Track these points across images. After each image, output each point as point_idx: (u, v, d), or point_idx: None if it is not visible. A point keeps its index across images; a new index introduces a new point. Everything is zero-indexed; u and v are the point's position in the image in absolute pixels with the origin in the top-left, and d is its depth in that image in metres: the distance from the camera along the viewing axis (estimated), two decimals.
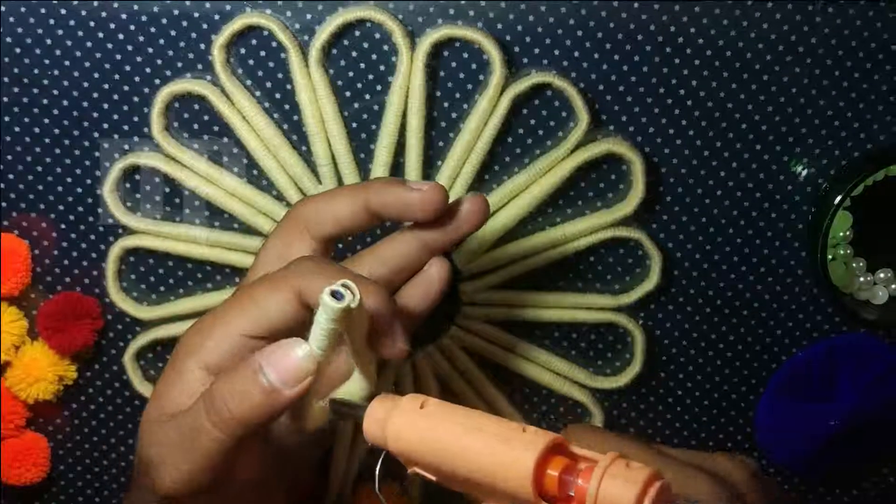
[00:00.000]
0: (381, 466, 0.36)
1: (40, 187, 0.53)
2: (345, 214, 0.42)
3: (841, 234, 0.53)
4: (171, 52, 0.50)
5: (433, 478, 0.35)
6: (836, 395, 0.55)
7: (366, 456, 0.56)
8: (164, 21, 0.50)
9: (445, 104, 0.51)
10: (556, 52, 0.50)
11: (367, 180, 0.43)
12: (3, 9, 0.50)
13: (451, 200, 0.51)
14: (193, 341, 0.39)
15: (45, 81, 0.51)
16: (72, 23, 0.50)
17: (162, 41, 0.50)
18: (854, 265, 0.54)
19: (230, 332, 0.38)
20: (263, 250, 0.43)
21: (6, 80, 0.51)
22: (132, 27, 0.50)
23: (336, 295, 0.34)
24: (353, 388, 0.39)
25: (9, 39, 0.50)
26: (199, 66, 0.51)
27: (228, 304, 0.39)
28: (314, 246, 0.42)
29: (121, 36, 0.50)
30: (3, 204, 0.53)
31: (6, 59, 0.50)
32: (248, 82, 0.51)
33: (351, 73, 0.51)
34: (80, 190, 0.53)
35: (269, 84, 0.51)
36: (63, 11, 0.50)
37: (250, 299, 0.39)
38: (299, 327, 0.38)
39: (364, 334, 0.38)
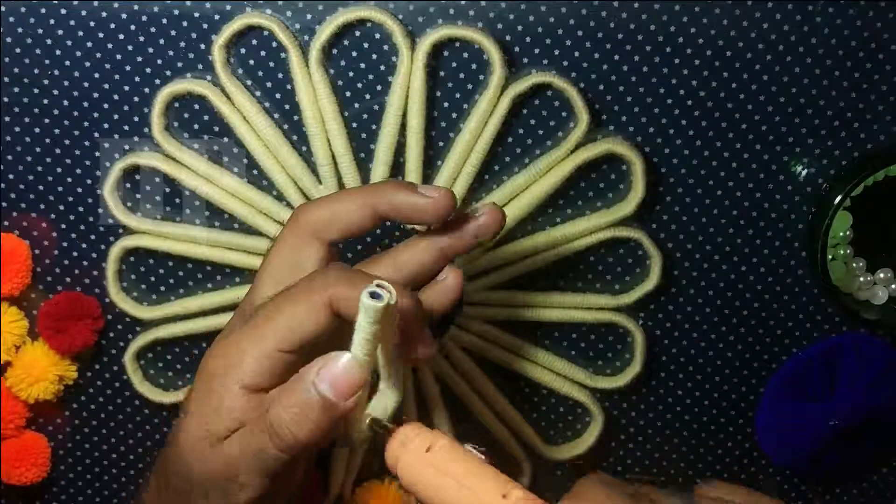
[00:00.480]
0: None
1: (41, 187, 0.53)
2: (353, 219, 0.42)
3: (841, 234, 0.53)
4: (171, 52, 0.50)
5: None
6: (837, 394, 0.55)
7: (365, 456, 0.56)
8: (165, 21, 0.50)
9: (445, 104, 0.51)
10: (557, 52, 0.50)
11: (372, 183, 0.42)
12: (3, 9, 0.50)
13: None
14: (229, 362, 0.39)
15: (46, 81, 0.51)
16: (72, 23, 0.50)
17: (162, 41, 0.50)
18: (854, 265, 0.54)
19: (266, 349, 0.38)
20: (271, 259, 0.43)
21: (7, 80, 0.51)
22: (132, 27, 0.50)
23: (374, 296, 0.35)
24: (382, 402, 0.39)
25: (9, 39, 0.50)
26: (200, 66, 0.51)
27: (259, 321, 0.39)
28: (323, 251, 0.42)
29: (121, 36, 0.50)
30: (4, 204, 0.53)
31: (6, 59, 0.50)
32: (249, 82, 0.51)
33: (351, 73, 0.51)
34: (80, 190, 0.53)
35: (269, 84, 0.51)
36: (63, 11, 0.50)
37: (282, 314, 0.38)
38: (329, 338, 0.38)
39: (393, 342, 0.38)
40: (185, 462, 0.40)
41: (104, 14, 0.50)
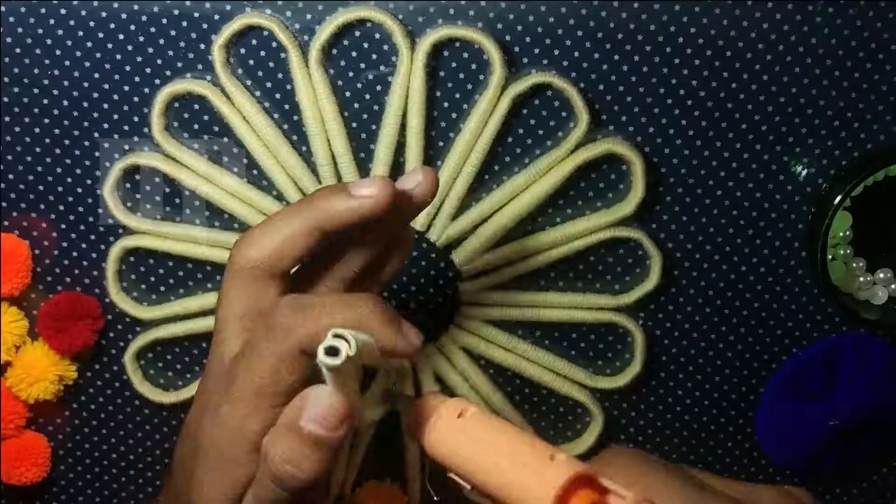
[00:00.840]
0: (427, 467, 0.37)
1: (40, 187, 0.53)
2: (300, 247, 0.39)
3: (841, 234, 0.53)
4: (171, 52, 0.50)
5: (468, 486, 0.35)
6: (836, 394, 0.55)
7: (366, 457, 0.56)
8: (164, 21, 0.50)
9: (445, 104, 0.51)
10: (556, 52, 0.50)
11: (305, 198, 0.40)
12: (3, 9, 0.50)
13: (448, 201, 0.52)
14: (232, 433, 0.38)
15: (46, 81, 0.51)
16: (72, 23, 0.50)
17: (162, 41, 0.50)
18: (854, 265, 0.54)
19: (262, 411, 0.38)
20: (227, 309, 0.40)
21: (6, 80, 0.51)
22: (132, 27, 0.50)
23: (331, 351, 0.34)
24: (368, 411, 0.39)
25: (9, 39, 0.50)
26: (199, 66, 0.51)
27: (242, 384, 0.38)
28: (280, 286, 0.40)
29: (121, 36, 0.50)
30: (4, 204, 0.53)
31: (6, 59, 0.50)
32: (248, 82, 0.51)
33: (351, 74, 0.51)
34: (80, 190, 0.53)
35: (269, 84, 0.51)
36: (63, 11, 0.50)
37: (260, 372, 0.38)
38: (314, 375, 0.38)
39: (375, 357, 0.38)
40: None
41: (104, 14, 0.50)
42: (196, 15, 0.50)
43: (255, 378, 0.37)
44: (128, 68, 0.51)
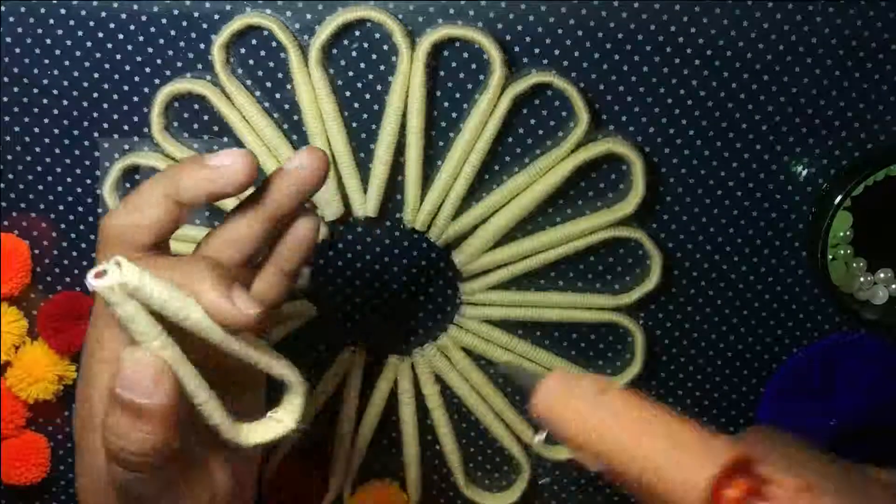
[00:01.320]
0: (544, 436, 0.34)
1: (40, 187, 0.53)
2: (157, 216, 0.37)
3: (841, 234, 0.53)
4: (170, 52, 0.50)
5: (595, 468, 0.32)
6: (836, 395, 0.55)
7: (366, 456, 0.57)
8: (164, 21, 0.50)
9: (445, 104, 0.51)
10: (557, 52, 0.50)
11: (167, 168, 0.38)
12: (2, 9, 0.50)
13: (448, 201, 0.52)
14: (88, 414, 0.37)
15: (45, 81, 0.51)
16: (71, 23, 0.50)
17: (162, 41, 0.50)
18: (854, 265, 0.54)
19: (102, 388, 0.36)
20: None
21: (6, 79, 0.51)
22: (132, 27, 0.50)
23: (101, 274, 0.32)
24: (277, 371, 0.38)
25: (9, 39, 0.50)
26: (199, 66, 0.51)
27: (88, 345, 0.37)
28: (143, 257, 0.38)
29: (120, 36, 0.50)
30: (3, 204, 0.53)
31: (6, 59, 0.50)
32: (248, 82, 0.51)
33: (351, 73, 0.51)
34: (79, 190, 0.53)
35: (268, 84, 0.51)
36: (63, 11, 0.50)
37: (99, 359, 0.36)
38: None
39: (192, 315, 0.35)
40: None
41: (104, 14, 0.50)
42: (196, 15, 0.50)
43: (92, 341, 0.36)
44: (127, 68, 0.51)
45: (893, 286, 0.54)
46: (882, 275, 0.54)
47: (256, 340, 0.37)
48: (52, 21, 0.50)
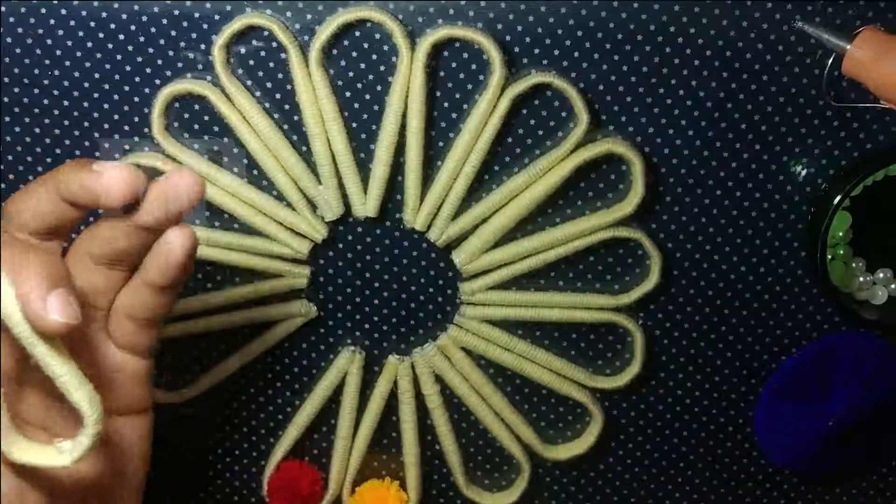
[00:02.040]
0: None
1: None
2: (43, 207, 0.37)
3: (840, 234, 0.53)
4: (171, 53, 0.50)
5: None
6: (833, 394, 0.56)
7: (365, 455, 0.57)
8: (165, 21, 0.50)
9: (445, 104, 0.51)
10: (556, 53, 0.50)
11: (62, 165, 0.37)
12: (3, 9, 0.50)
13: (448, 201, 0.52)
14: None
15: (46, 81, 0.51)
16: (72, 23, 0.50)
17: (162, 41, 0.50)
18: (853, 265, 0.54)
19: None
20: None
21: (7, 80, 0.51)
22: (133, 27, 0.50)
23: None
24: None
25: (9, 39, 0.50)
26: (200, 67, 0.51)
27: None
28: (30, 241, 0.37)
29: (121, 36, 0.50)
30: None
31: (7, 59, 0.50)
32: (249, 82, 0.51)
33: (351, 74, 0.51)
34: None
35: (269, 84, 0.51)
36: (63, 11, 0.50)
37: None
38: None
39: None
40: None
41: (104, 14, 0.50)
42: (196, 15, 0.50)
43: None
44: (128, 68, 0.51)
45: (892, 286, 0.54)
46: (881, 275, 0.54)
47: (66, 358, 0.34)
48: (52, 21, 0.50)
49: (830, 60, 0.49)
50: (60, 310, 0.33)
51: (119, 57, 0.50)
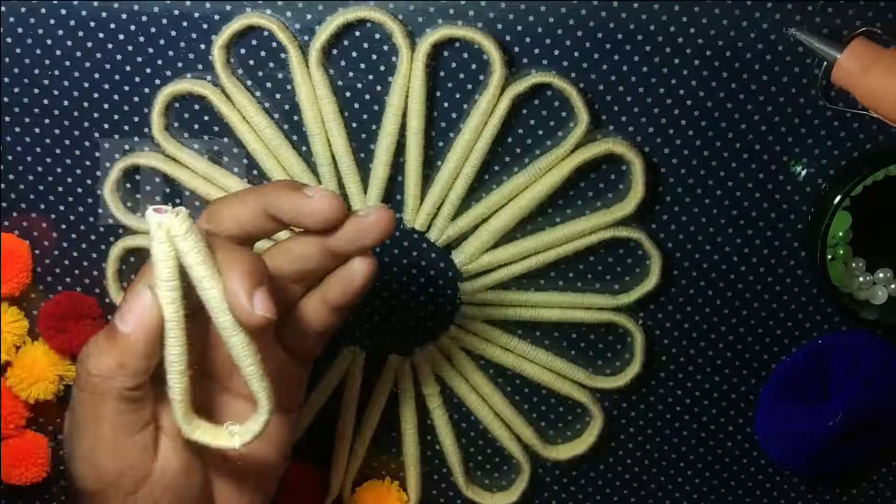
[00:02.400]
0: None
1: (41, 187, 0.53)
2: (245, 216, 0.40)
3: (840, 234, 0.53)
4: (171, 53, 0.50)
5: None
6: (832, 394, 0.56)
7: (366, 456, 0.57)
8: (165, 21, 0.50)
9: (445, 104, 0.51)
10: (556, 53, 0.50)
11: (268, 183, 0.42)
12: (3, 9, 0.50)
13: (448, 201, 0.52)
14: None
15: (46, 81, 0.51)
16: (72, 23, 0.50)
17: (162, 41, 0.50)
18: (853, 265, 0.54)
19: None
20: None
21: (7, 80, 0.51)
22: (132, 27, 0.50)
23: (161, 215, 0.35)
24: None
25: (9, 39, 0.50)
26: (200, 67, 0.51)
27: None
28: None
29: (121, 36, 0.50)
30: (4, 204, 0.53)
31: (7, 60, 0.51)
32: (249, 82, 0.51)
33: (351, 74, 0.51)
34: (80, 190, 0.53)
35: (269, 84, 0.51)
36: (63, 12, 0.50)
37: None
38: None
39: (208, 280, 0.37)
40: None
41: (104, 14, 0.50)
42: (196, 15, 0.50)
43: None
44: (128, 68, 0.51)
45: (892, 286, 0.54)
46: (881, 275, 0.54)
47: (254, 351, 0.38)
48: (52, 21, 0.50)
49: (822, 69, 0.49)
50: (264, 306, 0.36)
51: (119, 57, 0.50)
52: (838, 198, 0.50)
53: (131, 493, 0.39)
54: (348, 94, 0.51)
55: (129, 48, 0.50)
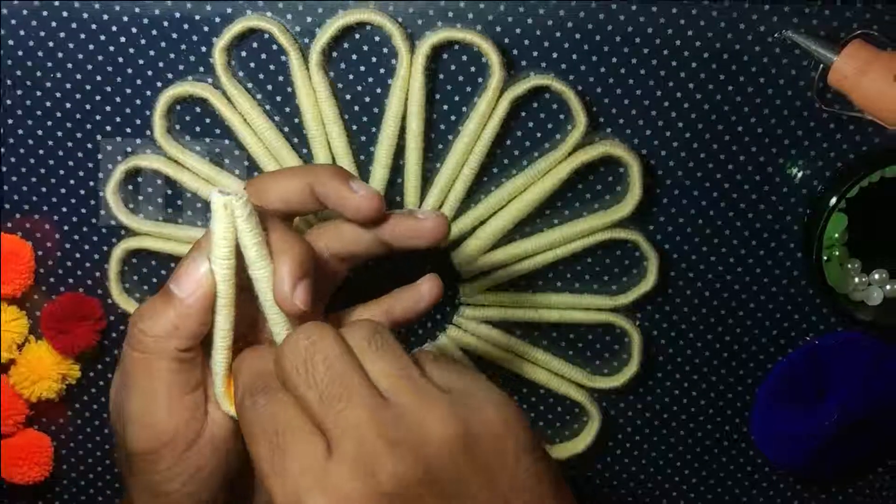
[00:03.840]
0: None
1: (43, 189, 0.53)
2: (293, 192, 0.42)
3: (836, 235, 0.53)
4: (172, 55, 0.51)
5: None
6: (829, 394, 0.56)
7: None
8: (166, 24, 0.50)
9: (444, 107, 0.51)
10: (555, 55, 0.50)
11: (316, 164, 0.45)
12: (5, 11, 0.50)
13: (447, 203, 0.52)
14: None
15: (48, 84, 0.51)
16: (74, 25, 0.50)
17: (164, 44, 0.50)
18: (849, 266, 0.54)
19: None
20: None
21: (9, 82, 0.51)
22: (134, 30, 0.50)
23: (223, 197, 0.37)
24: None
25: (11, 42, 0.50)
26: (201, 69, 0.51)
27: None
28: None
29: (123, 39, 0.50)
30: (6, 206, 0.53)
31: (9, 62, 0.51)
32: (250, 85, 0.51)
33: (351, 76, 0.51)
34: (82, 192, 0.53)
35: (269, 87, 0.51)
36: (65, 14, 0.50)
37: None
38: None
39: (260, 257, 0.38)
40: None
41: (106, 17, 0.50)
42: (197, 18, 0.50)
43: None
44: (130, 71, 0.51)
45: (888, 287, 0.55)
46: (877, 276, 0.55)
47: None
48: (54, 24, 0.50)
49: (818, 71, 0.50)
50: (302, 298, 0.38)
51: (121, 59, 0.51)
52: (834, 199, 0.51)
53: (183, 452, 0.40)
54: (348, 96, 0.51)
55: (131, 50, 0.50)
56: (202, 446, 0.40)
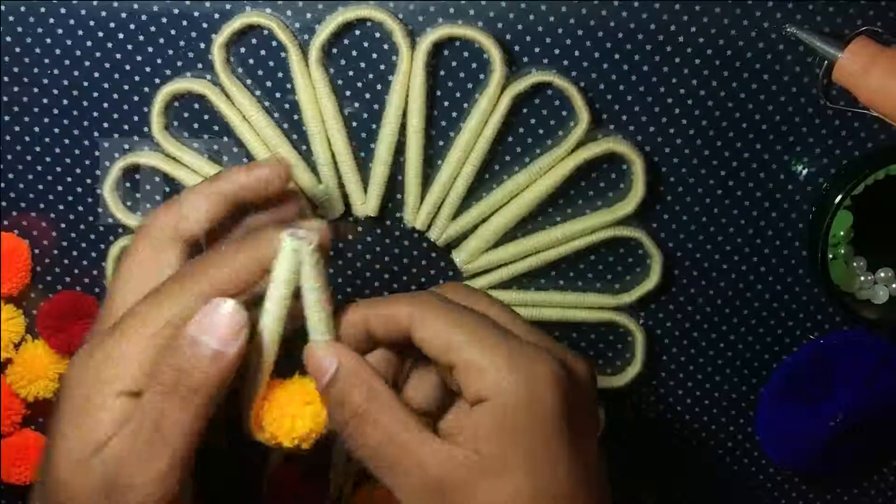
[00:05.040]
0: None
1: (40, 187, 0.53)
2: (204, 209, 0.41)
3: (841, 233, 0.53)
4: (170, 52, 0.50)
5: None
6: (834, 393, 0.56)
7: None
8: (164, 20, 0.50)
9: (446, 103, 0.51)
10: (557, 51, 0.50)
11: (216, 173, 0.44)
12: (2, 8, 0.50)
13: (449, 201, 0.52)
14: (103, 375, 0.37)
15: (45, 80, 0.51)
16: (71, 22, 0.50)
17: (162, 40, 0.50)
18: (854, 264, 0.54)
19: (145, 350, 0.37)
20: (125, 269, 0.41)
21: (6, 79, 0.51)
22: (132, 26, 0.50)
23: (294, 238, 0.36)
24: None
25: (9, 38, 0.50)
26: (199, 66, 0.51)
27: (130, 323, 0.37)
28: (182, 250, 0.41)
29: (121, 35, 0.50)
30: (3, 203, 0.53)
31: (6, 58, 0.50)
32: (248, 81, 0.51)
33: (351, 73, 0.51)
34: (80, 189, 0.53)
35: (269, 83, 0.51)
36: (63, 10, 0.50)
37: (159, 308, 0.38)
38: None
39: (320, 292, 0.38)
40: (68, 485, 0.37)
41: (104, 13, 0.50)
42: (196, 14, 0.50)
43: (151, 316, 0.37)
44: (127, 67, 0.51)
45: (894, 285, 0.54)
46: (882, 274, 0.54)
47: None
48: (52, 20, 0.50)
49: (823, 68, 0.49)
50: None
51: (118, 56, 0.50)
52: (839, 197, 0.50)
53: None
54: (348, 93, 0.51)
55: (129, 47, 0.50)
56: None
